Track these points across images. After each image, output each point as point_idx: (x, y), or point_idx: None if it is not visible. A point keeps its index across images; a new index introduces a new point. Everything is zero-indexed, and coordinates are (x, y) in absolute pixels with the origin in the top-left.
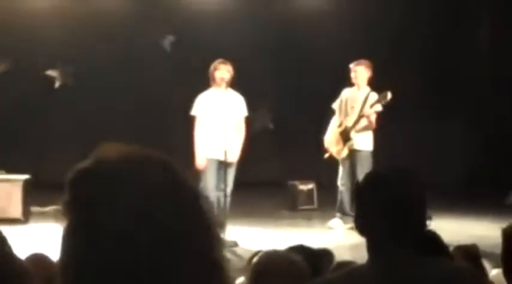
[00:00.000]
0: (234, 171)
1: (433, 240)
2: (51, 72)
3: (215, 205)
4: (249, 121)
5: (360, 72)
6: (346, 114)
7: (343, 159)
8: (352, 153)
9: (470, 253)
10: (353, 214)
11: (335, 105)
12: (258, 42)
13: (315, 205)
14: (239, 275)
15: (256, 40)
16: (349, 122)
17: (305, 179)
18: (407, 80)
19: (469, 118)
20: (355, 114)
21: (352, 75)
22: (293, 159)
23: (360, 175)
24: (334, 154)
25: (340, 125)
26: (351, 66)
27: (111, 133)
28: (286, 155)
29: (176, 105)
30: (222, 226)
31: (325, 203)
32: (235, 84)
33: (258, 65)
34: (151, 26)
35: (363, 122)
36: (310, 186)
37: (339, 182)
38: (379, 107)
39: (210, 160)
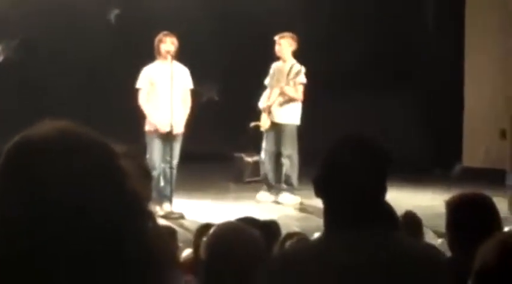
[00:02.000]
0: (180, 143)
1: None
2: None
3: (161, 177)
4: (194, 93)
5: (284, 44)
6: (273, 87)
7: (267, 130)
8: (276, 126)
9: (414, 221)
10: (278, 185)
11: (267, 81)
12: (202, 13)
13: (261, 177)
14: (186, 248)
15: (200, 11)
16: (273, 94)
17: (250, 151)
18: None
19: (413, 92)
20: (279, 87)
21: (277, 48)
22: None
23: (283, 148)
24: (260, 124)
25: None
26: (275, 38)
27: (56, 108)
28: (232, 127)
29: (121, 78)
30: (169, 199)
31: None
32: (180, 56)
33: (203, 37)
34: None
35: (289, 91)
36: (256, 157)
37: (262, 154)
38: (302, 78)
39: (154, 134)
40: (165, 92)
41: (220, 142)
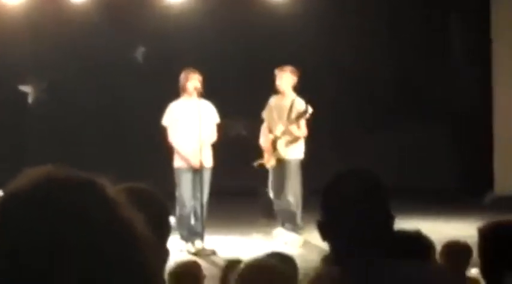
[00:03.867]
0: (209, 178)
1: (415, 240)
2: (24, 88)
3: (191, 214)
4: (221, 128)
5: (285, 78)
6: (274, 123)
7: (272, 168)
8: (281, 162)
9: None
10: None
11: (264, 114)
12: (227, 52)
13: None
14: None
15: (225, 50)
16: (277, 132)
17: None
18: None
19: (442, 120)
20: (281, 124)
21: (277, 81)
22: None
23: (288, 185)
24: (264, 162)
25: (270, 132)
26: (275, 72)
27: (85, 146)
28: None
29: (146, 115)
30: (200, 236)
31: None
32: (206, 92)
33: (229, 73)
34: (122, 38)
35: (294, 131)
36: None
37: (270, 192)
38: (306, 115)
39: (184, 170)
40: (193, 128)
41: (249, 177)
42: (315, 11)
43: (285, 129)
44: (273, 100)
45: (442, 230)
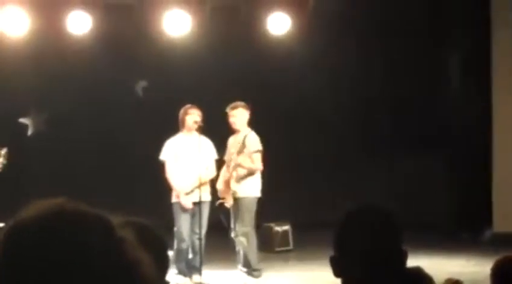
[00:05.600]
0: (208, 212)
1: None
2: (24, 120)
3: (190, 249)
4: (219, 163)
5: (238, 115)
6: (228, 162)
7: (230, 207)
8: (237, 201)
9: None
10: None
11: (226, 157)
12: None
13: (291, 246)
14: None
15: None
16: (230, 168)
17: (279, 220)
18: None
19: (439, 156)
20: (234, 159)
21: (231, 120)
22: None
23: (240, 225)
24: (225, 201)
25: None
26: (227, 110)
27: (86, 179)
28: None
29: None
30: (198, 270)
31: (302, 243)
32: (205, 127)
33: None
34: (123, 72)
35: (241, 170)
36: (285, 227)
37: (231, 233)
38: (254, 146)
39: (182, 205)
40: (191, 164)
41: None
42: (313, 45)
43: (235, 163)
44: (230, 140)
45: (441, 267)
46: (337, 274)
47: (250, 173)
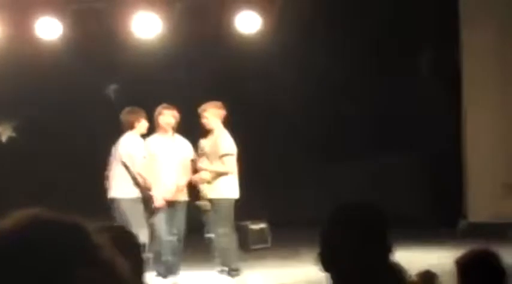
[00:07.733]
0: (185, 212)
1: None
2: None
3: (168, 250)
4: (195, 163)
5: (209, 116)
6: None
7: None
8: (213, 202)
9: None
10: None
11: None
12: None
13: (269, 244)
14: None
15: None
16: (202, 173)
17: (256, 218)
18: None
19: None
20: (204, 162)
21: (203, 121)
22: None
23: (218, 226)
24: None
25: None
26: (199, 111)
27: (58, 180)
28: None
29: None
30: (177, 272)
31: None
32: (184, 127)
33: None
34: (95, 76)
35: (205, 173)
36: (262, 225)
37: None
38: (226, 149)
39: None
40: (166, 164)
41: None
42: (284, 45)
43: (198, 167)
44: (201, 141)
45: (415, 259)
46: (324, 269)
47: (219, 175)
